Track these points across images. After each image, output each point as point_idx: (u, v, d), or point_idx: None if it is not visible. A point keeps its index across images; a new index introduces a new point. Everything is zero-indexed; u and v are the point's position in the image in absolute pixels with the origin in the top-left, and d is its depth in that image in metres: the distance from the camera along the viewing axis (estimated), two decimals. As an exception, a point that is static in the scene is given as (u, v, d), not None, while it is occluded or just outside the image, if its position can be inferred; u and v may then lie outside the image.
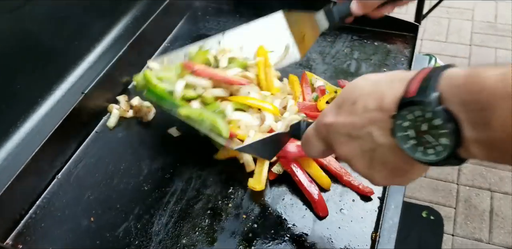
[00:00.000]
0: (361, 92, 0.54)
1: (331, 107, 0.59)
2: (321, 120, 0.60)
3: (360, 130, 0.53)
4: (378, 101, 0.51)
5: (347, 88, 0.57)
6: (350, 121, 0.54)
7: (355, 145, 0.55)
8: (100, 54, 1.17)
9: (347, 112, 0.55)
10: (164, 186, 0.94)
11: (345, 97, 0.56)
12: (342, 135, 0.56)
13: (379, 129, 0.51)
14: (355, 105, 0.54)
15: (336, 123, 0.57)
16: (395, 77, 0.52)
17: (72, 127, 1.01)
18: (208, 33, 1.34)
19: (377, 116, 0.51)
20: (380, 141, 0.51)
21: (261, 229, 0.85)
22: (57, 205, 0.93)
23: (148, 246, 0.84)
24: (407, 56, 1.18)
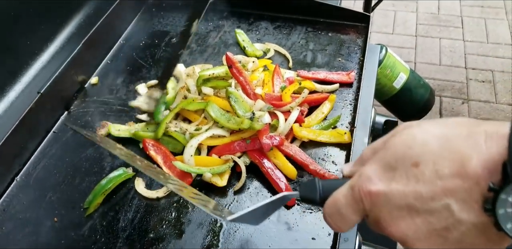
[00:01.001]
0: (426, 149, 0.42)
1: (376, 168, 0.45)
2: (363, 186, 0.45)
3: (431, 203, 0.41)
4: (458, 163, 0.39)
5: (399, 142, 0.44)
6: (413, 190, 0.42)
7: (421, 222, 0.42)
8: (53, 53, 1.14)
9: (406, 177, 0.42)
10: (127, 182, 0.94)
11: (399, 156, 0.43)
12: (399, 208, 0.43)
13: (461, 202, 0.39)
14: (419, 168, 0.42)
15: (390, 192, 0.43)
16: (475, 132, 0.41)
17: (29, 128, 0.99)
18: (163, 29, 1.34)
19: (458, 184, 0.39)
20: (462, 218, 0.40)
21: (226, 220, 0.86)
22: (18, 208, 0.91)
23: (115, 242, 0.84)
24: (360, 45, 1.22)
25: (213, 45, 1.27)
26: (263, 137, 0.92)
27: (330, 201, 0.49)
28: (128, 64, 1.22)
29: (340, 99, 1.08)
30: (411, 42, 2.96)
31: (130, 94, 1.13)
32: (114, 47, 1.27)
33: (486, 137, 0.39)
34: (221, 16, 1.37)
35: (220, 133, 0.97)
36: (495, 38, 2.95)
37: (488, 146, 0.39)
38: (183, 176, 0.92)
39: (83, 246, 0.84)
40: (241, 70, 1.04)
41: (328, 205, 0.49)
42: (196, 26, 1.20)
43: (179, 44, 1.28)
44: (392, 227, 0.43)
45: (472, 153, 0.39)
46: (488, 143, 0.39)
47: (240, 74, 1.04)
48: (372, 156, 0.47)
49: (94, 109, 1.10)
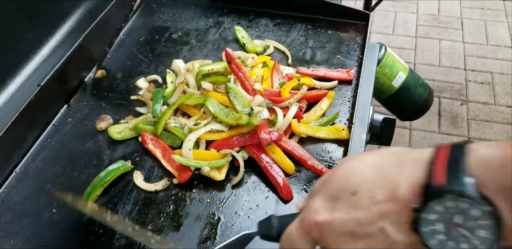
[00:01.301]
0: (362, 179, 0.45)
1: (321, 199, 0.48)
2: (311, 217, 0.48)
3: (369, 227, 0.44)
4: (390, 189, 0.43)
5: (339, 174, 0.48)
6: (353, 216, 0.45)
7: (362, 245, 0.45)
8: (53, 47, 1.15)
9: (346, 205, 0.45)
10: (126, 174, 0.94)
11: (340, 187, 0.47)
12: (342, 235, 0.46)
13: (394, 224, 0.42)
14: (357, 196, 0.45)
15: (333, 220, 0.46)
16: (403, 159, 0.44)
17: (29, 121, 0.99)
18: (163, 25, 1.35)
19: (390, 208, 0.42)
20: (396, 239, 0.43)
21: (225, 211, 0.87)
22: (17, 199, 0.91)
23: (113, 234, 0.84)
24: (360, 43, 1.22)
25: (212, 41, 1.28)
26: (261, 132, 0.93)
27: (284, 236, 0.52)
28: (128, 59, 1.23)
29: (338, 96, 1.09)
30: (411, 43, 2.97)
31: (130, 89, 1.14)
32: (115, 41, 1.27)
33: (413, 163, 0.43)
34: (221, 13, 1.37)
35: (218, 128, 0.97)
36: (495, 40, 2.95)
37: (413, 172, 0.42)
38: (182, 170, 0.92)
39: (81, 237, 0.84)
40: (240, 66, 1.05)
41: (283, 240, 0.52)
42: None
43: (179, 40, 1.29)
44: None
45: (401, 179, 0.42)
46: (414, 169, 0.42)
47: (239, 70, 1.05)
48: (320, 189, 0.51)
49: (94, 103, 1.11)
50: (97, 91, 1.14)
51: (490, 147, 0.40)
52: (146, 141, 0.98)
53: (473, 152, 0.40)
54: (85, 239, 0.84)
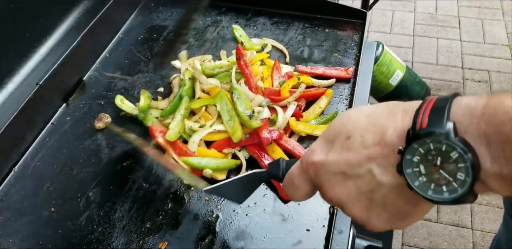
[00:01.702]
0: (356, 125, 0.48)
1: (319, 142, 0.52)
2: (308, 157, 0.52)
3: (358, 168, 0.47)
4: (379, 135, 0.45)
5: (337, 121, 0.51)
6: (344, 158, 0.48)
7: (351, 185, 0.48)
8: (52, 46, 1.15)
9: (340, 148, 0.49)
10: (125, 173, 0.95)
11: (336, 131, 0.50)
12: (334, 174, 0.49)
13: (381, 166, 0.45)
14: (350, 140, 0.48)
15: (327, 161, 0.49)
16: (395, 109, 0.47)
17: (28, 120, 1.00)
18: (162, 23, 1.35)
19: (378, 151, 0.45)
20: (382, 180, 0.45)
21: (223, 209, 0.87)
22: (15, 198, 0.92)
23: (111, 232, 0.85)
24: (357, 41, 1.23)
25: (211, 40, 1.28)
26: (262, 132, 0.93)
27: (287, 175, 0.57)
28: (126, 58, 1.23)
29: (336, 94, 1.09)
30: (409, 41, 2.97)
31: (128, 87, 1.14)
32: (113, 40, 1.28)
33: (403, 112, 0.45)
34: (219, 12, 1.37)
35: (221, 129, 0.98)
36: (492, 38, 2.96)
37: (402, 120, 0.45)
38: (193, 170, 0.93)
39: (79, 236, 0.85)
40: (248, 64, 1.06)
41: (286, 178, 0.58)
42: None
43: (177, 39, 1.29)
44: (330, 192, 0.50)
45: (390, 126, 0.45)
46: (404, 117, 0.45)
47: (246, 67, 1.06)
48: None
49: (92, 102, 1.11)
50: (95, 90, 1.14)
51: (475, 97, 0.41)
52: (155, 134, 0.98)
53: (458, 101, 0.42)
54: (84, 238, 0.84)
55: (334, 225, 0.81)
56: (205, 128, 0.97)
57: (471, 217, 2.02)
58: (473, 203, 2.04)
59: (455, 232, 1.97)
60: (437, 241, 1.94)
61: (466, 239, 1.94)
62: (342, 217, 0.83)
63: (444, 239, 1.95)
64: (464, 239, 1.94)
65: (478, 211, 2.04)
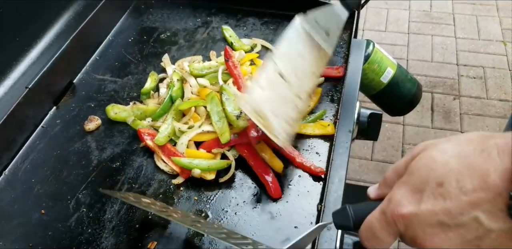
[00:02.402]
0: (446, 169, 0.45)
1: (405, 192, 0.49)
2: (395, 210, 0.48)
3: (460, 217, 0.44)
4: (479, 179, 0.43)
5: (421, 166, 0.48)
6: (442, 207, 0.45)
7: (453, 235, 0.45)
8: (42, 49, 1.15)
9: (433, 197, 0.46)
10: (114, 175, 0.95)
11: (423, 179, 0.47)
12: (431, 226, 0.46)
13: (487, 212, 0.43)
14: (444, 187, 0.45)
15: (421, 212, 0.46)
16: (486, 146, 0.44)
17: (18, 123, 1.00)
18: (152, 25, 1.35)
19: (481, 197, 0.43)
20: (492, 227, 0.43)
21: (212, 208, 0.88)
22: (6, 201, 0.92)
23: (101, 233, 0.85)
24: (346, 40, 1.23)
25: (201, 40, 1.29)
26: (250, 131, 0.93)
27: (365, 227, 0.53)
28: (116, 60, 1.24)
29: (325, 92, 1.09)
30: (404, 39, 2.98)
31: (118, 89, 1.15)
32: (103, 43, 1.28)
33: (498, 151, 0.43)
34: (210, 12, 1.38)
35: (210, 129, 0.98)
36: (486, 35, 2.97)
37: (501, 159, 0.42)
38: (182, 171, 0.93)
39: (69, 237, 0.85)
40: (236, 64, 1.07)
41: (363, 230, 0.53)
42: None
43: (167, 40, 1.30)
44: (428, 244, 0.47)
45: (489, 167, 0.43)
46: (501, 157, 0.43)
47: (235, 68, 1.07)
48: (397, 180, 0.52)
49: (83, 104, 1.11)
50: (85, 92, 1.15)
51: None
52: (144, 137, 0.98)
53: None
54: (74, 239, 0.85)
55: (322, 222, 0.81)
56: (193, 129, 0.98)
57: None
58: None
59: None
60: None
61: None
62: (330, 214, 0.83)
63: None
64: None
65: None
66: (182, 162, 0.92)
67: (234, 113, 0.97)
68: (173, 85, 1.07)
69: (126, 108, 1.07)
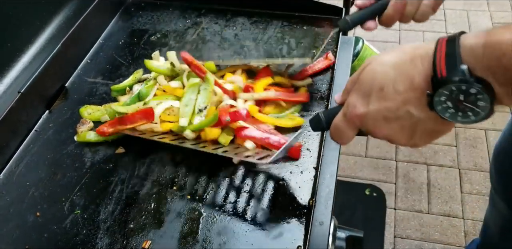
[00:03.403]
0: (385, 77, 0.58)
1: (357, 98, 0.62)
2: (352, 112, 0.63)
3: (397, 112, 0.58)
4: (408, 82, 0.56)
5: (366, 76, 0.61)
6: (384, 106, 0.59)
7: (394, 125, 0.60)
8: (34, 54, 1.16)
9: (377, 98, 0.59)
10: (108, 176, 0.96)
11: (369, 86, 0.60)
12: (378, 120, 0.61)
13: (416, 106, 0.57)
14: (384, 91, 0.58)
15: (370, 111, 0.61)
16: (413, 56, 0.56)
17: (11, 128, 1.01)
18: (142, 27, 1.36)
19: (410, 96, 0.56)
20: (420, 116, 0.57)
21: (206, 207, 0.89)
22: (1, 204, 0.93)
23: (96, 233, 0.86)
24: (334, 37, 1.24)
25: (191, 41, 1.30)
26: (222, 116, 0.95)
27: (332, 127, 0.69)
28: (108, 63, 1.25)
29: (314, 89, 1.11)
30: (395, 36, 2.99)
31: (110, 92, 1.16)
32: (94, 46, 1.29)
33: (422, 60, 0.55)
34: (199, 13, 1.39)
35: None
36: (477, 29, 2.98)
37: (423, 65, 0.55)
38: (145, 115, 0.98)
39: (65, 238, 0.86)
40: (201, 67, 1.05)
41: (332, 129, 0.70)
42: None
43: (157, 42, 1.31)
44: (378, 132, 0.63)
45: (415, 73, 0.56)
46: (423, 64, 0.55)
47: (201, 71, 1.05)
48: (352, 88, 0.65)
49: (75, 108, 1.12)
50: (77, 95, 1.16)
51: (476, 38, 0.51)
52: (104, 131, 1.01)
53: (463, 44, 0.51)
54: (69, 240, 0.85)
55: (314, 216, 0.83)
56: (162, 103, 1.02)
57: (462, 206, 2.04)
58: (463, 192, 2.06)
59: (446, 222, 1.99)
60: (429, 232, 1.96)
61: (458, 229, 1.96)
62: (322, 209, 0.85)
63: (436, 229, 1.97)
64: (455, 228, 1.96)
65: (468, 200, 2.06)
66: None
67: (199, 106, 0.98)
68: (147, 83, 1.10)
69: (99, 108, 1.09)
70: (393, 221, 2.00)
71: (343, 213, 1.92)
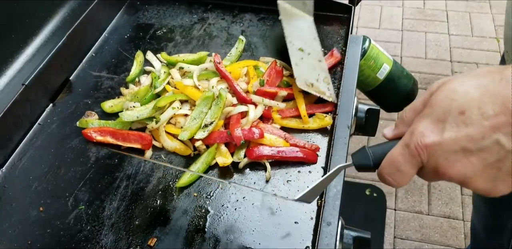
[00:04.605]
0: (467, 98, 0.47)
1: (427, 124, 0.50)
2: (419, 141, 0.50)
3: (482, 142, 0.47)
4: (499, 104, 0.46)
5: (441, 98, 0.50)
6: (464, 134, 0.47)
7: (475, 160, 0.48)
8: (38, 46, 1.15)
9: (455, 125, 0.48)
10: (113, 171, 0.95)
11: (445, 109, 0.49)
12: (454, 152, 0.48)
13: (508, 134, 0.46)
14: (465, 115, 0.47)
15: (444, 140, 0.48)
16: (503, 75, 0.47)
17: (14, 120, 1.00)
18: (148, 22, 1.34)
19: (502, 120, 0.46)
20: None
21: (212, 204, 0.88)
22: (4, 198, 0.91)
23: (100, 230, 0.85)
24: (343, 36, 1.23)
25: (197, 37, 1.28)
26: (234, 130, 0.93)
27: (387, 162, 0.55)
28: (113, 57, 1.23)
29: (323, 88, 1.09)
30: (397, 36, 2.98)
31: (115, 86, 1.14)
32: (99, 39, 1.27)
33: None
34: (206, 9, 1.37)
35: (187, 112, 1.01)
36: (480, 31, 2.98)
37: None
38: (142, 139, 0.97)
39: (68, 234, 0.85)
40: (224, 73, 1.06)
41: (385, 166, 0.55)
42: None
43: (163, 37, 1.29)
44: (451, 171, 0.49)
45: (509, 93, 0.45)
46: None
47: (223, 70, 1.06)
48: (416, 116, 0.53)
49: (79, 101, 1.10)
50: (82, 89, 1.14)
51: None
52: (91, 136, 1.00)
53: None
54: (73, 236, 0.84)
55: (322, 217, 0.82)
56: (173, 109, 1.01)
57: (462, 208, 2.03)
58: (464, 194, 2.05)
59: (446, 224, 1.98)
60: (429, 233, 1.96)
61: (458, 231, 1.96)
62: (330, 209, 0.84)
63: (436, 231, 1.96)
64: (455, 230, 1.96)
65: (468, 202, 2.05)
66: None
67: (206, 120, 0.97)
68: (158, 77, 1.10)
69: (119, 100, 1.08)
70: (393, 221, 2.00)
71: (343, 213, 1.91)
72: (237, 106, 0.99)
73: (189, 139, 0.95)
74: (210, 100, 0.99)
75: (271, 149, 0.93)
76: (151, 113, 0.99)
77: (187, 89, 1.03)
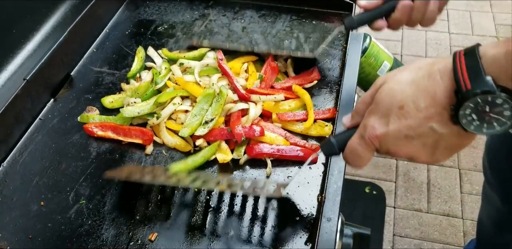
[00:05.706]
0: (404, 95, 0.58)
1: (375, 119, 0.61)
2: (371, 133, 0.61)
3: (419, 129, 0.57)
4: (429, 98, 0.55)
5: (383, 96, 0.60)
6: (405, 124, 0.58)
7: (416, 143, 0.59)
8: (39, 42, 1.14)
9: (397, 117, 0.59)
10: (114, 166, 0.95)
11: (387, 105, 0.60)
12: (399, 139, 0.59)
13: (439, 122, 0.56)
14: (404, 109, 0.58)
15: (390, 131, 0.59)
16: (431, 72, 0.56)
17: (15, 115, 1.00)
18: (149, 18, 1.34)
19: (432, 111, 0.56)
20: (443, 131, 0.56)
21: (213, 200, 0.88)
22: (5, 193, 0.92)
23: (101, 224, 0.85)
24: (344, 33, 1.23)
25: (198, 33, 1.28)
26: (235, 127, 0.93)
27: (348, 150, 0.66)
28: (114, 52, 1.23)
29: (324, 84, 1.10)
30: (398, 34, 2.98)
31: (116, 82, 1.14)
32: (100, 35, 1.28)
33: (441, 75, 0.55)
34: (207, 5, 1.37)
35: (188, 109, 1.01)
36: (480, 30, 2.98)
37: (443, 81, 0.55)
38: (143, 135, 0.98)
39: (69, 229, 0.85)
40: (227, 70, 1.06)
41: (348, 153, 0.67)
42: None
43: (164, 33, 1.29)
44: (399, 152, 0.61)
45: (436, 88, 0.55)
46: (443, 79, 0.55)
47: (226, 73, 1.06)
48: (366, 109, 0.64)
49: (80, 96, 1.11)
50: (83, 84, 1.14)
51: (496, 47, 0.51)
52: (93, 131, 1.00)
53: (484, 55, 0.52)
54: (74, 231, 0.84)
55: (323, 213, 0.82)
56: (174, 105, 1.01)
57: (461, 206, 2.04)
58: (463, 192, 2.06)
59: (445, 222, 1.99)
60: (428, 231, 1.96)
61: (457, 229, 1.96)
62: (330, 205, 0.84)
63: (435, 229, 1.97)
64: (455, 228, 1.96)
65: (468, 200, 2.06)
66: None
67: (206, 117, 0.97)
68: (159, 73, 1.10)
69: (119, 95, 1.09)
70: (393, 219, 2.00)
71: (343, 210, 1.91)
72: (238, 103, 0.99)
73: (190, 135, 0.96)
74: (211, 97, 1.00)
75: (271, 147, 0.93)
76: (152, 109, 0.99)
77: (188, 85, 1.03)
